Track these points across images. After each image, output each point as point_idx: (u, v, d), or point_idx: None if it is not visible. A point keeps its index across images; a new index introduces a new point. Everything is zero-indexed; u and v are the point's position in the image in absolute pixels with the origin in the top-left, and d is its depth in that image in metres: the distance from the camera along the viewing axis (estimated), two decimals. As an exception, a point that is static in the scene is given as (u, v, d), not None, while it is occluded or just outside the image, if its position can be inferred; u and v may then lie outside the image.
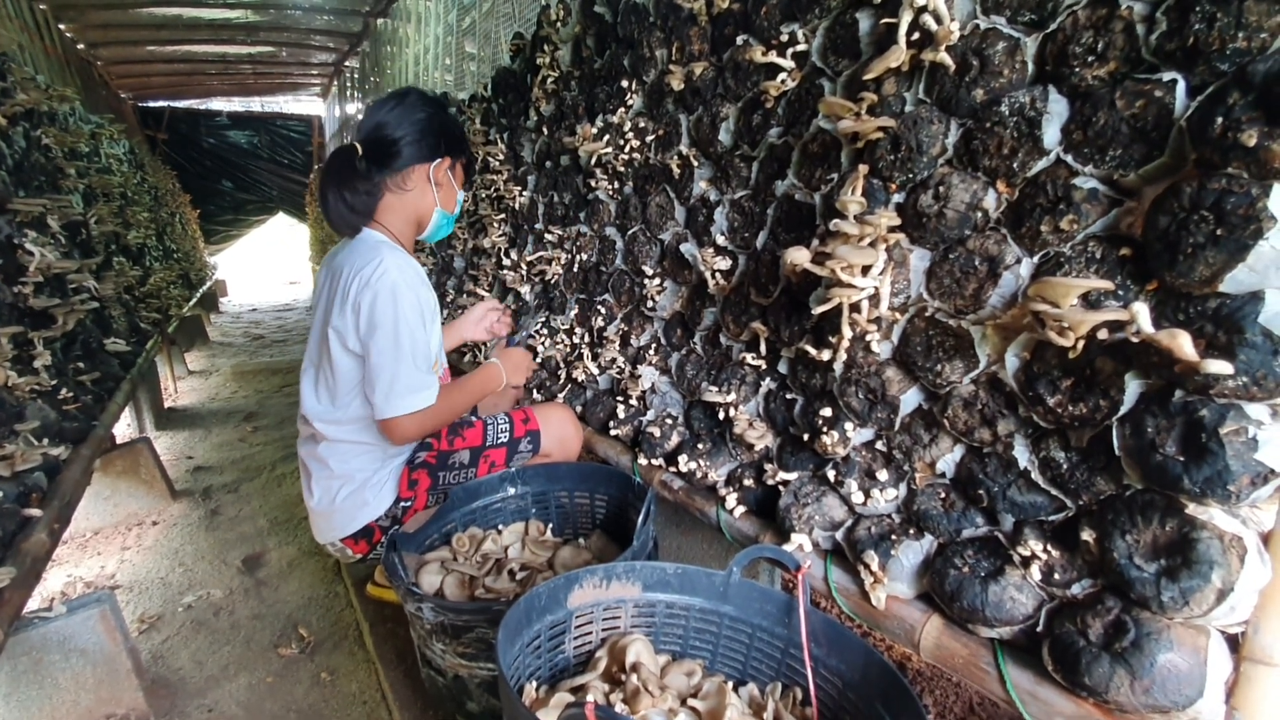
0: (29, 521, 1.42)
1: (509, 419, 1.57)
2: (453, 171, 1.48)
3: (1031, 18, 0.86)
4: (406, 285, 1.31)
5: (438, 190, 1.46)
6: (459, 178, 1.52)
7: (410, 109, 1.41)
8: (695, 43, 1.40)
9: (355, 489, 1.42)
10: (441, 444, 1.50)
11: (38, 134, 2.29)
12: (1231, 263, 0.65)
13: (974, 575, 0.89)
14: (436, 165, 1.43)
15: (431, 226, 1.50)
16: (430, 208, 1.46)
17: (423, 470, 1.49)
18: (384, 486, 1.45)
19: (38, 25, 3.57)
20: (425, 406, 1.33)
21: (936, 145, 0.94)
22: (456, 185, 1.51)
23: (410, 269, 1.36)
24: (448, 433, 1.52)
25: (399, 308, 1.29)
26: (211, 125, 8.15)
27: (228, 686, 1.59)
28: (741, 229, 1.32)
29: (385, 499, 1.45)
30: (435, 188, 1.45)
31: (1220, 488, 0.67)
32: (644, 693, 0.91)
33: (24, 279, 1.75)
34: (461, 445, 1.51)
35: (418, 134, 1.40)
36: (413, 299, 1.32)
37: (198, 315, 5.78)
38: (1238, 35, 0.67)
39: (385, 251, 1.33)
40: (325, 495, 1.44)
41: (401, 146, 1.39)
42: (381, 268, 1.29)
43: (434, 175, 1.44)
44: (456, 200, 1.52)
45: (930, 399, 1.00)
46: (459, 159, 1.50)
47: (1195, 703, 0.70)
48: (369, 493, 1.43)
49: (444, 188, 1.47)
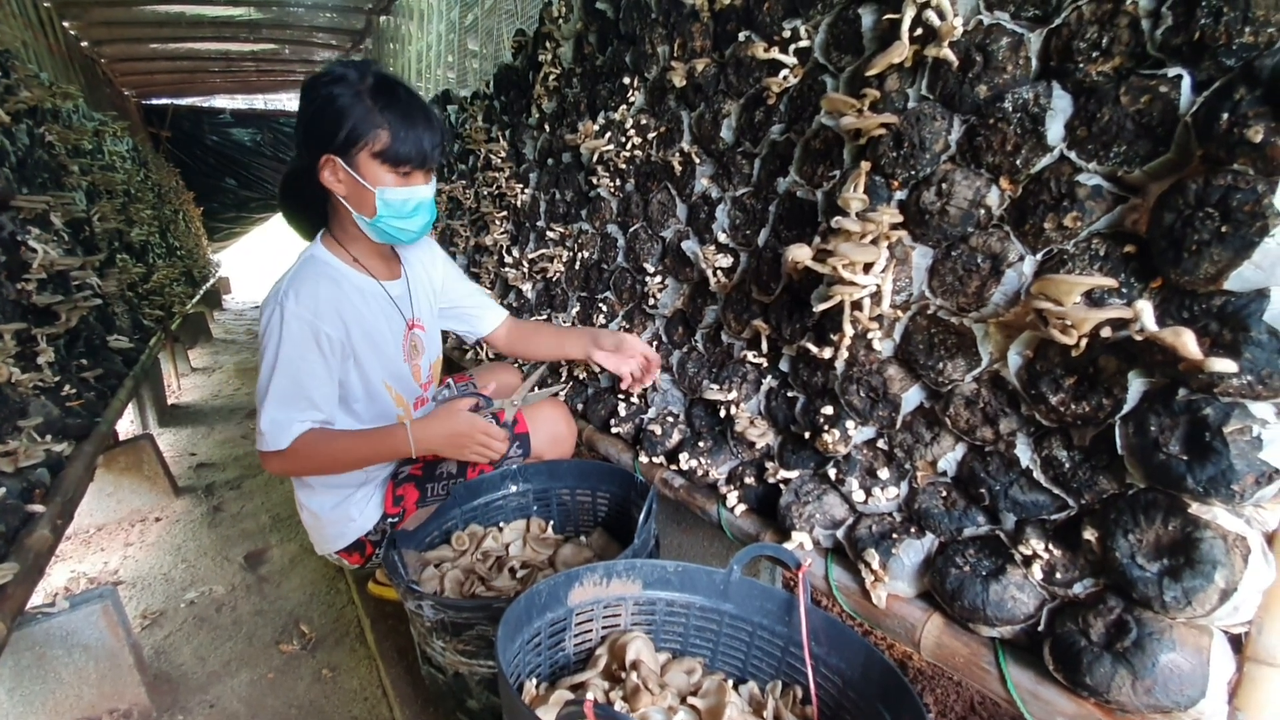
0: (32, 517, 1.43)
1: (497, 423, 1.54)
2: (354, 167, 1.19)
3: (1035, 13, 0.85)
4: (296, 315, 1.19)
5: (336, 186, 1.23)
6: (372, 173, 1.20)
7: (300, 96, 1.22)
8: (697, 39, 1.39)
9: (338, 504, 1.40)
10: (428, 455, 1.47)
11: (41, 131, 2.30)
12: (1237, 260, 0.65)
13: (975, 574, 0.89)
14: (322, 167, 1.21)
15: (368, 229, 1.28)
16: (348, 212, 1.27)
17: (409, 484, 1.46)
18: (368, 502, 1.43)
19: (41, 23, 3.58)
20: (277, 448, 1.22)
21: (939, 142, 0.94)
22: (367, 182, 1.20)
23: (319, 292, 1.22)
24: None
25: (283, 333, 1.19)
26: (215, 123, 8.17)
27: (229, 682, 1.59)
28: (743, 226, 1.32)
29: (370, 516, 1.43)
30: (334, 185, 1.23)
31: (1224, 487, 0.67)
32: (644, 690, 0.91)
33: (27, 276, 1.75)
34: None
35: (301, 136, 1.23)
36: (300, 329, 1.19)
37: (201, 312, 5.80)
38: (1244, 30, 0.66)
39: (303, 265, 1.25)
40: (310, 512, 1.43)
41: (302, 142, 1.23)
42: (283, 284, 1.22)
43: (327, 180, 1.23)
44: (376, 199, 1.21)
45: (932, 397, 1.00)
46: (351, 151, 1.18)
47: (1198, 703, 0.70)
48: (353, 509, 1.41)
49: (346, 186, 1.23)
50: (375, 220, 1.25)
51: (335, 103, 1.17)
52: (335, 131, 1.17)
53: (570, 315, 1.93)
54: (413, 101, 1.22)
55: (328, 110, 1.17)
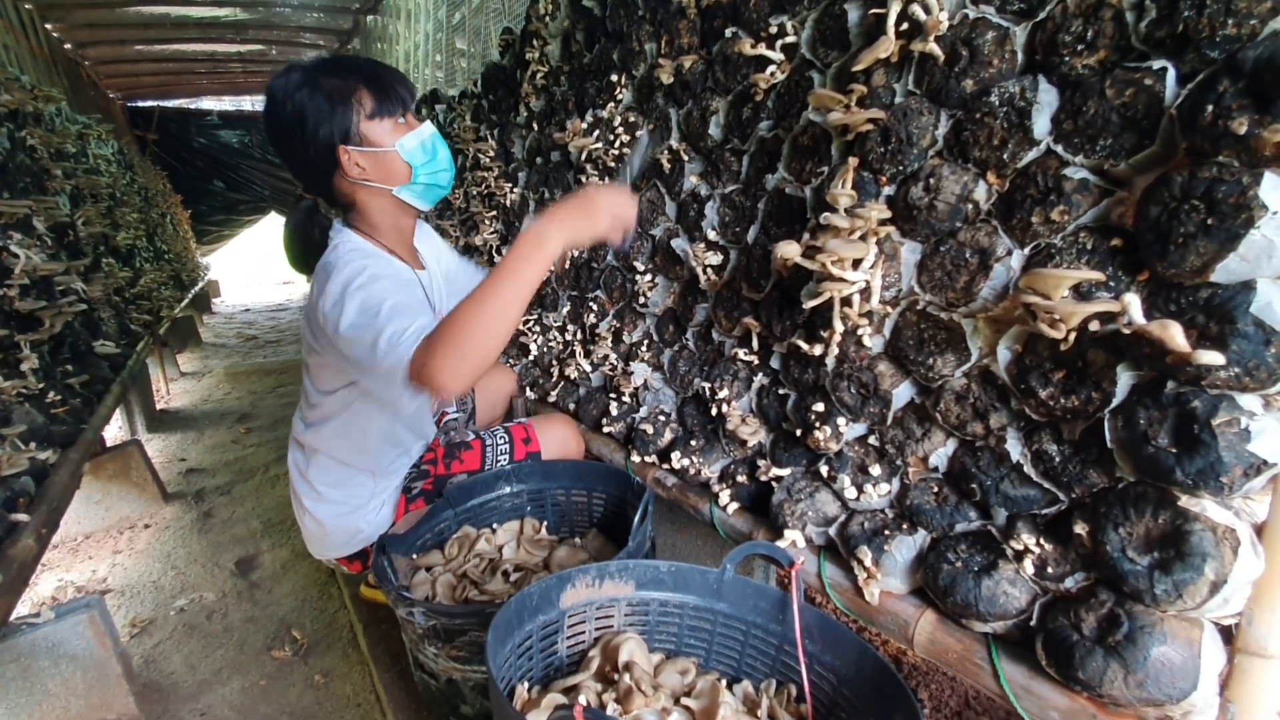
0: (16, 527, 1.41)
1: (509, 437, 1.52)
2: (364, 142, 1.18)
3: (1020, 6, 0.85)
4: (347, 261, 1.15)
5: (362, 174, 1.21)
6: (379, 135, 1.19)
7: (270, 131, 1.21)
8: (684, 36, 1.39)
9: (346, 513, 1.38)
10: (439, 468, 1.46)
11: (23, 135, 2.26)
12: (1223, 252, 0.65)
13: (967, 570, 0.89)
14: (341, 166, 1.20)
15: (412, 195, 1.27)
16: (379, 198, 1.25)
17: (420, 500, 1.45)
18: (379, 513, 1.41)
19: (23, 25, 3.53)
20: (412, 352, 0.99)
21: (926, 137, 0.94)
22: (383, 146, 1.20)
23: (378, 266, 1.18)
24: (444, 455, 1.47)
25: (350, 269, 1.13)
26: (202, 125, 8.08)
27: (220, 690, 1.58)
28: (732, 223, 1.31)
29: (379, 527, 1.41)
30: (360, 173, 1.21)
31: (1213, 479, 0.67)
32: (637, 692, 0.91)
33: (9, 282, 1.73)
34: (459, 469, 1.47)
35: (301, 162, 1.21)
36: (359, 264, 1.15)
37: (190, 316, 5.74)
38: (1227, 22, 0.66)
39: (346, 247, 1.22)
40: (314, 519, 1.40)
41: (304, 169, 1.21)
42: (337, 256, 1.18)
43: (353, 173, 1.21)
44: (401, 156, 1.21)
45: (922, 393, 0.99)
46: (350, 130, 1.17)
47: (1189, 695, 0.70)
48: (360, 520, 1.39)
49: (369, 166, 1.21)
50: (413, 181, 1.23)
51: (311, 102, 1.15)
52: (329, 123, 1.16)
53: (561, 315, 1.93)
54: (357, 59, 1.23)
55: (308, 113, 1.15)
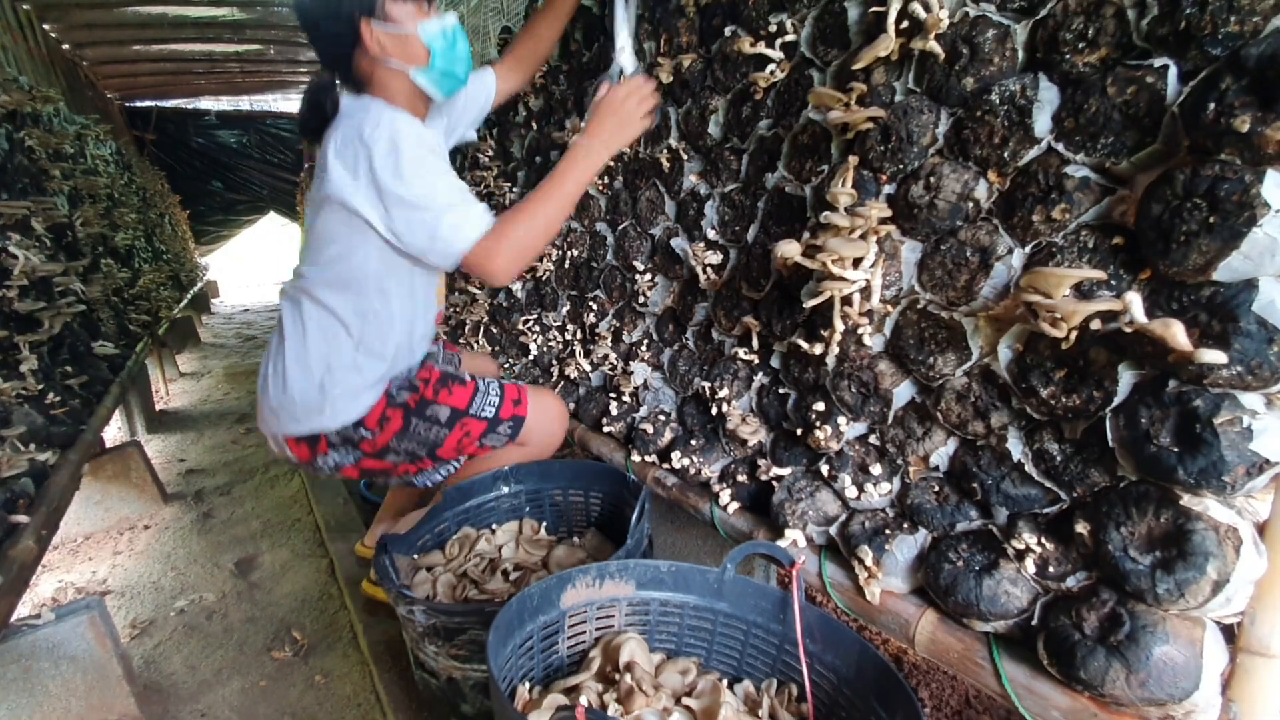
0: (16, 528, 1.40)
1: (501, 393, 1.45)
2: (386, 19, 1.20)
3: (1021, 4, 0.85)
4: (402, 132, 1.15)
5: (382, 52, 1.21)
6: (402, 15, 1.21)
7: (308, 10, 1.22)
8: (683, 34, 1.38)
9: (315, 382, 1.29)
10: (427, 391, 1.38)
11: (21, 136, 2.26)
12: (1225, 250, 0.64)
13: (968, 569, 0.89)
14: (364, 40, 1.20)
15: (429, 82, 1.27)
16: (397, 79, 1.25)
17: (399, 410, 1.36)
18: (351, 399, 1.32)
19: (21, 25, 3.52)
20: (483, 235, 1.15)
21: (927, 135, 0.93)
22: (407, 25, 1.21)
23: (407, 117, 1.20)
24: (436, 382, 1.40)
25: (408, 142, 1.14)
26: (200, 125, 8.07)
27: (221, 691, 1.58)
28: (732, 223, 1.31)
29: (346, 413, 1.31)
30: (380, 50, 1.21)
31: (1215, 478, 0.66)
32: (638, 692, 0.91)
33: (8, 283, 1.72)
34: (446, 400, 1.39)
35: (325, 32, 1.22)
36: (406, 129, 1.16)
37: (189, 317, 5.73)
38: (1230, 19, 0.66)
39: (379, 105, 1.21)
40: (278, 377, 1.31)
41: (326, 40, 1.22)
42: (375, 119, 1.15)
43: (374, 49, 1.21)
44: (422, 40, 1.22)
45: (923, 392, 0.99)
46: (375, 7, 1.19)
47: (1191, 695, 0.70)
48: (326, 396, 1.30)
49: (391, 44, 1.21)
50: (431, 65, 1.24)
51: None
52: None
53: (561, 314, 1.92)
54: None
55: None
